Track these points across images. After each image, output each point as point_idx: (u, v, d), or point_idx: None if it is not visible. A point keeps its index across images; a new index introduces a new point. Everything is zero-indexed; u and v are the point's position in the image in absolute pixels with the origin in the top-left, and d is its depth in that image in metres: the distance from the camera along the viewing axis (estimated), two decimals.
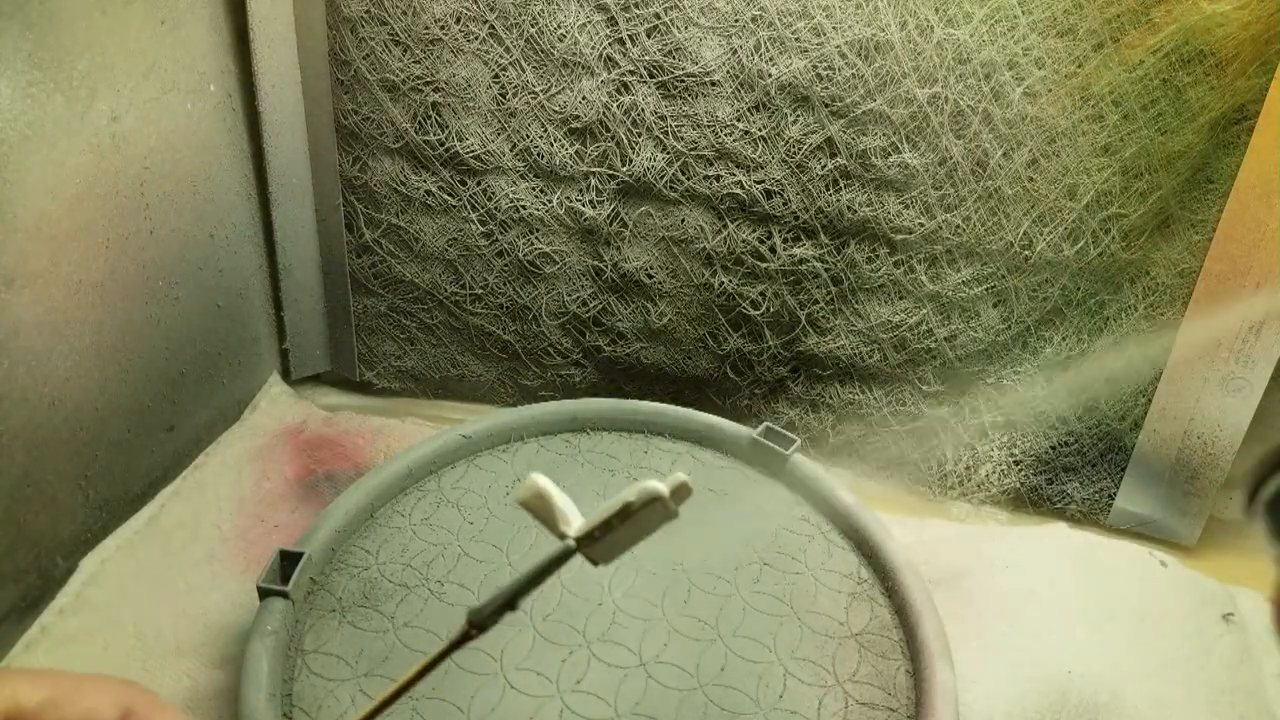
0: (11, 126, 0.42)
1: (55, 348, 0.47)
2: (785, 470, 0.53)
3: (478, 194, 0.61)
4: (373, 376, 0.68)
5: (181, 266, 0.55)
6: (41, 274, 0.45)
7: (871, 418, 0.62)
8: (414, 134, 0.59)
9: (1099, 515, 0.60)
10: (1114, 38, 0.50)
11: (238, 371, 0.62)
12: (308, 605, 0.45)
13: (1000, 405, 0.60)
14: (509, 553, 0.48)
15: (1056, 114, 0.52)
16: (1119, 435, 0.59)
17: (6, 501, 0.45)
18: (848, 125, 0.55)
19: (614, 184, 0.59)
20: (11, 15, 0.41)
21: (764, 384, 0.63)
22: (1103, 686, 0.45)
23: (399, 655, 0.42)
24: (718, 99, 0.56)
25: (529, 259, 0.62)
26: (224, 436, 0.60)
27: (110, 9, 0.47)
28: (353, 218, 0.63)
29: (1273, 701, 0.47)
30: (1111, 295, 0.57)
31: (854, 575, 0.48)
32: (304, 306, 0.66)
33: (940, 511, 0.61)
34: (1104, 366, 0.58)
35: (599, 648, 0.43)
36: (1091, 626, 0.49)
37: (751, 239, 0.59)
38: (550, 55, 0.56)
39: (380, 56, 0.58)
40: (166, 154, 0.53)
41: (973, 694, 0.45)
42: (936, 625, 0.44)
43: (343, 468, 0.58)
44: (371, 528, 0.49)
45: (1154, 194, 0.53)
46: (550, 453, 0.55)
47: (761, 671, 0.43)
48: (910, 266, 0.58)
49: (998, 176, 0.54)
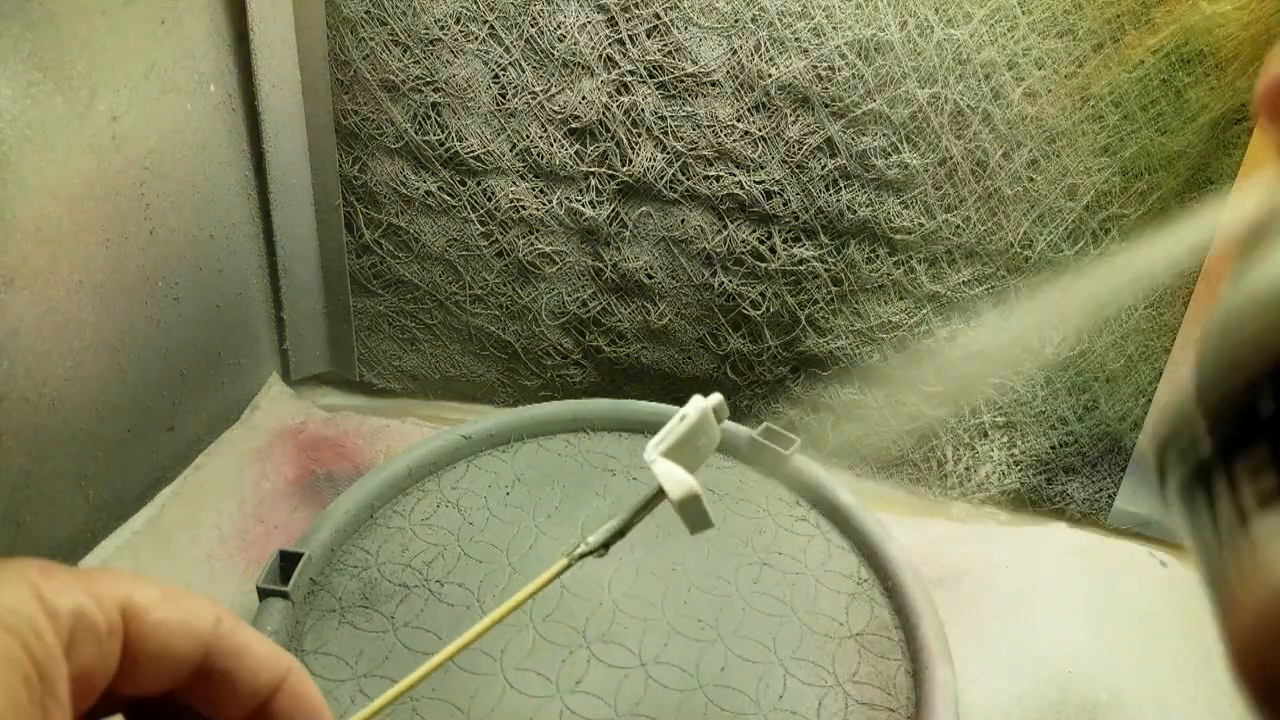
0: (11, 126, 0.42)
1: (55, 348, 0.47)
2: (785, 470, 0.53)
3: (477, 194, 0.61)
4: (373, 376, 0.68)
5: (181, 266, 0.55)
6: (41, 274, 0.45)
7: (871, 418, 0.62)
8: (414, 134, 0.59)
9: (1099, 515, 0.60)
10: (1114, 38, 0.50)
11: (238, 371, 0.62)
12: (307, 606, 0.45)
13: (1000, 405, 0.60)
14: (509, 553, 0.48)
15: (1056, 114, 0.52)
16: (1119, 435, 0.59)
17: (6, 501, 0.45)
18: (848, 125, 0.55)
19: (614, 184, 0.59)
20: (11, 15, 0.41)
21: (764, 384, 0.63)
22: (1103, 686, 0.45)
23: (399, 656, 0.42)
24: (718, 99, 0.56)
25: (529, 259, 0.62)
26: (224, 437, 0.60)
27: (110, 9, 0.47)
28: (353, 218, 0.63)
29: None
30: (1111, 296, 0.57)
31: (854, 575, 0.48)
32: (304, 307, 0.66)
33: (940, 511, 0.61)
34: (1104, 366, 0.58)
35: (599, 648, 0.43)
36: (1091, 626, 0.49)
37: (751, 239, 0.59)
38: (550, 55, 0.56)
39: (380, 57, 0.58)
40: (166, 154, 0.53)
41: (973, 694, 0.45)
42: (936, 625, 0.44)
43: (343, 468, 0.58)
44: (371, 528, 0.49)
45: (1154, 194, 0.53)
46: (550, 453, 0.55)
47: (761, 672, 0.43)
48: (910, 267, 0.58)
49: (998, 177, 0.54)
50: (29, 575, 0.19)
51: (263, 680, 0.22)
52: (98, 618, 0.20)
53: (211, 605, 0.22)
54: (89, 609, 0.19)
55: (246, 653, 0.22)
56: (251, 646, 0.22)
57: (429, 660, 0.27)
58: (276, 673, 0.22)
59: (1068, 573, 0.51)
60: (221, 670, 0.21)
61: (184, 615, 0.21)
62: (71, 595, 0.19)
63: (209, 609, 0.21)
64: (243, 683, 0.22)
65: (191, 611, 0.21)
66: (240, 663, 0.22)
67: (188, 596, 0.21)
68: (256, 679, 0.22)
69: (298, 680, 0.22)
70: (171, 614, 0.21)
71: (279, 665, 0.22)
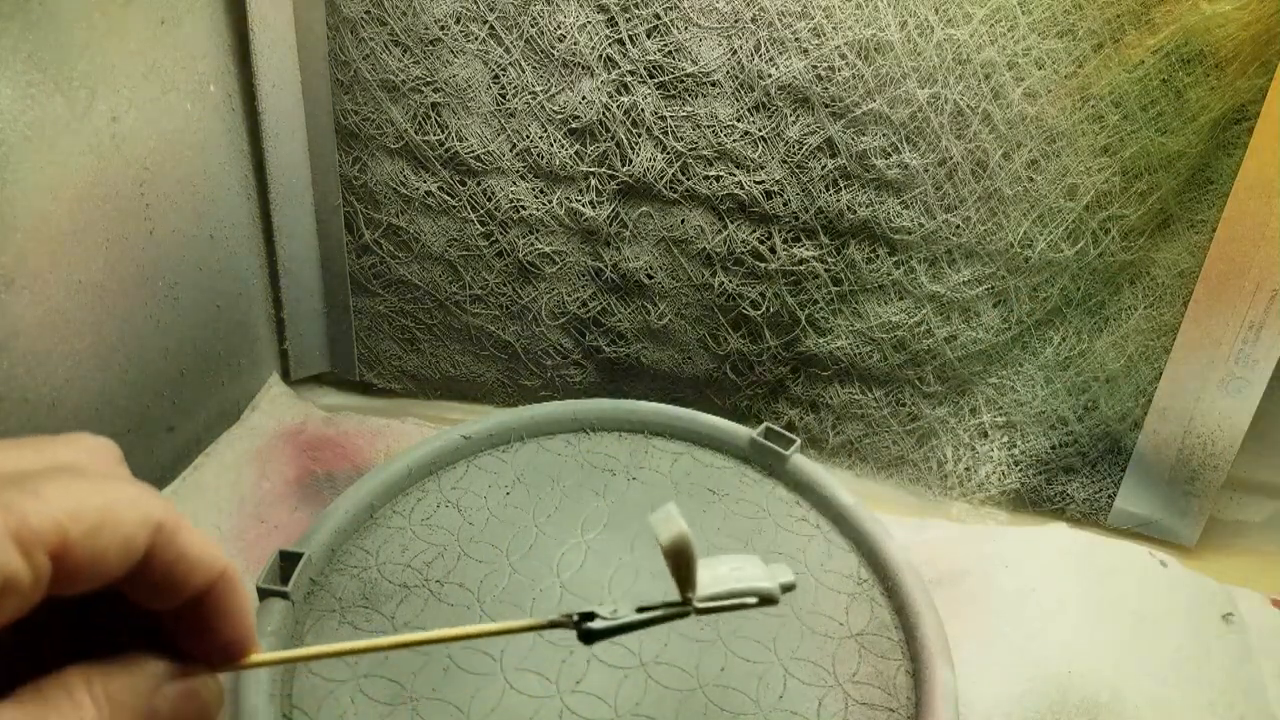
0: (11, 127, 0.42)
1: (55, 348, 0.47)
2: (785, 470, 0.53)
3: (477, 194, 0.61)
4: (373, 377, 0.68)
5: (181, 267, 0.55)
6: (41, 274, 0.45)
7: (871, 418, 0.62)
8: (414, 134, 0.59)
9: (1099, 515, 0.60)
10: (1114, 38, 0.50)
11: (237, 372, 0.62)
12: (307, 606, 0.45)
13: (1000, 405, 0.60)
14: (509, 553, 0.48)
15: (1056, 114, 0.52)
16: (1119, 435, 0.59)
17: None
18: (847, 126, 0.55)
19: (614, 184, 0.59)
20: (11, 15, 0.41)
21: (764, 384, 0.63)
22: (1103, 686, 0.45)
23: (399, 656, 0.42)
24: (717, 99, 0.56)
25: (529, 259, 0.62)
26: (223, 437, 0.60)
27: (110, 9, 0.47)
28: (353, 218, 0.63)
29: (1273, 701, 0.47)
30: (1111, 295, 0.57)
31: (854, 575, 0.48)
32: (304, 307, 0.66)
33: (940, 511, 0.61)
34: (1104, 366, 0.58)
35: (599, 648, 0.43)
36: (1091, 626, 0.49)
37: (751, 239, 0.59)
38: (550, 56, 0.56)
39: (380, 57, 0.58)
40: (166, 154, 0.53)
41: (973, 694, 0.45)
42: (936, 625, 0.44)
43: (342, 468, 0.58)
44: (371, 528, 0.49)
45: (1154, 194, 0.53)
46: (550, 453, 0.55)
47: (761, 672, 0.43)
48: (910, 267, 0.58)
49: (998, 177, 0.54)
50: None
51: (194, 583, 0.22)
52: (23, 575, 0.19)
53: (149, 511, 0.21)
54: (13, 568, 0.19)
55: (181, 560, 0.22)
56: (187, 552, 0.22)
57: (415, 637, 0.27)
58: (208, 577, 0.22)
59: (1068, 573, 0.51)
60: (154, 573, 0.22)
61: (121, 539, 0.21)
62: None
63: (144, 519, 0.21)
64: (173, 584, 0.22)
65: (129, 529, 0.21)
66: (173, 568, 0.22)
67: (124, 506, 0.21)
68: (187, 582, 0.22)
69: (226, 584, 0.23)
70: (109, 541, 0.20)
71: (212, 569, 0.23)
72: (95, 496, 0.20)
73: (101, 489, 0.21)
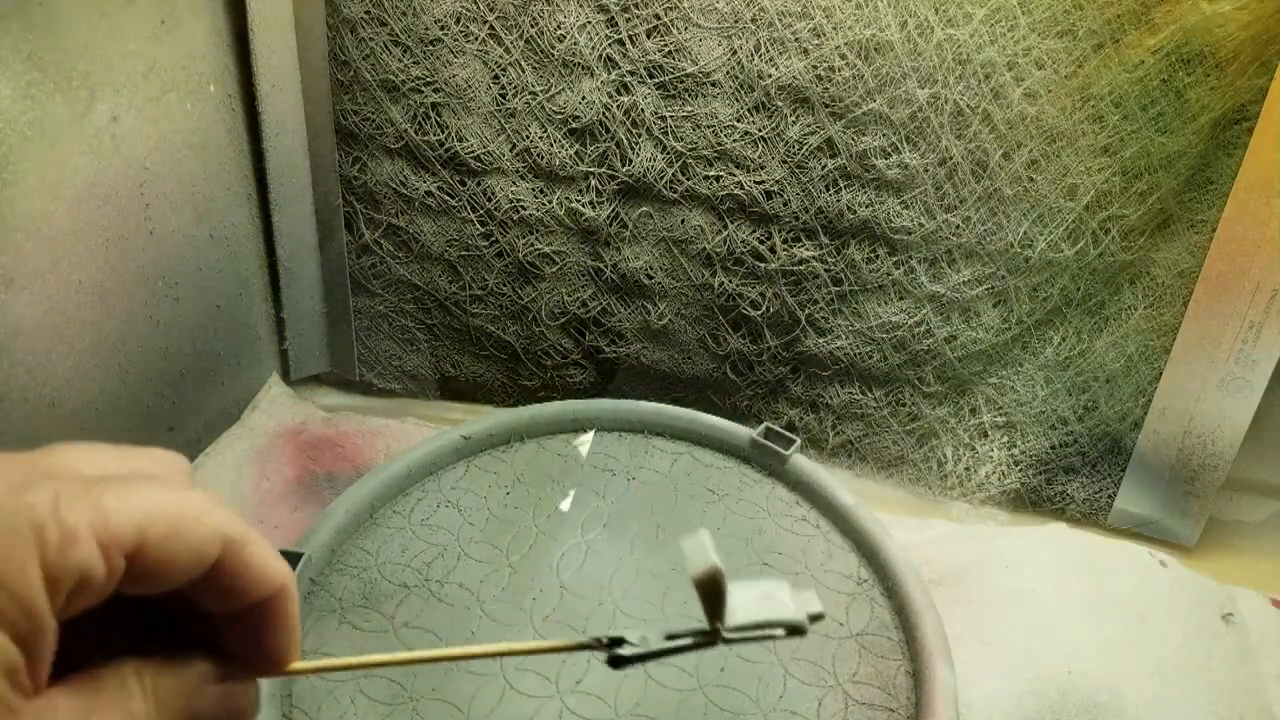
0: (11, 127, 0.42)
1: (55, 348, 0.47)
2: (785, 470, 0.53)
3: (477, 194, 0.61)
4: (373, 377, 0.68)
5: (181, 267, 0.55)
6: (41, 274, 0.45)
7: (871, 418, 0.62)
8: (414, 134, 0.59)
9: (1099, 515, 0.60)
10: (1114, 38, 0.50)
11: (237, 372, 0.63)
12: (307, 606, 0.45)
13: (1000, 405, 0.60)
14: (509, 553, 0.48)
15: (1056, 114, 0.52)
16: (1119, 435, 0.59)
17: None
18: (847, 126, 0.55)
19: (614, 184, 0.59)
20: (11, 16, 0.41)
21: (764, 384, 0.63)
22: (1103, 686, 0.45)
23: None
24: (718, 99, 0.56)
25: (529, 259, 0.62)
26: (223, 437, 0.60)
27: (110, 10, 0.47)
28: (353, 218, 0.63)
29: (1273, 702, 0.47)
30: (1111, 295, 0.57)
31: (854, 575, 0.48)
32: (304, 306, 0.66)
33: (940, 511, 0.61)
34: (1104, 366, 0.58)
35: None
36: (1091, 626, 0.49)
37: (751, 239, 0.59)
38: (550, 56, 0.56)
39: (380, 57, 0.58)
40: (166, 154, 0.53)
41: (973, 694, 0.45)
42: (936, 625, 0.44)
43: (342, 468, 0.58)
44: (371, 528, 0.49)
45: (1154, 194, 0.53)
46: (550, 453, 0.55)
47: (761, 672, 0.43)
48: (910, 267, 0.58)
49: (998, 177, 0.54)
50: (36, 523, 0.19)
51: (255, 595, 0.23)
52: (99, 572, 0.20)
53: (221, 523, 0.22)
54: (92, 565, 0.19)
55: (245, 570, 0.22)
56: (252, 563, 0.22)
57: (419, 654, 0.27)
58: (269, 591, 0.23)
59: (1067, 573, 0.51)
60: (219, 582, 0.22)
61: (193, 548, 0.21)
62: (79, 552, 0.19)
63: (217, 531, 0.22)
64: (236, 594, 0.23)
65: (201, 539, 0.21)
66: (237, 579, 0.22)
67: (198, 516, 0.21)
68: (249, 593, 0.23)
69: (283, 597, 0.23)
70: (182, 549, 0.21)
71: (273, 583, 0.23)
72: (173, 506, 0.21)
73: (179, 499, 0.21)
